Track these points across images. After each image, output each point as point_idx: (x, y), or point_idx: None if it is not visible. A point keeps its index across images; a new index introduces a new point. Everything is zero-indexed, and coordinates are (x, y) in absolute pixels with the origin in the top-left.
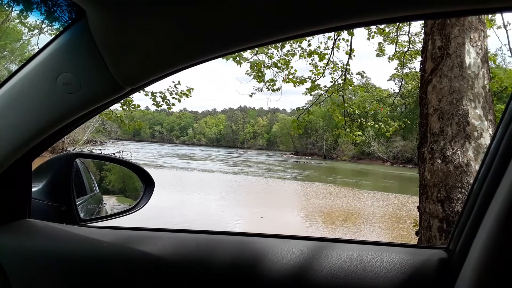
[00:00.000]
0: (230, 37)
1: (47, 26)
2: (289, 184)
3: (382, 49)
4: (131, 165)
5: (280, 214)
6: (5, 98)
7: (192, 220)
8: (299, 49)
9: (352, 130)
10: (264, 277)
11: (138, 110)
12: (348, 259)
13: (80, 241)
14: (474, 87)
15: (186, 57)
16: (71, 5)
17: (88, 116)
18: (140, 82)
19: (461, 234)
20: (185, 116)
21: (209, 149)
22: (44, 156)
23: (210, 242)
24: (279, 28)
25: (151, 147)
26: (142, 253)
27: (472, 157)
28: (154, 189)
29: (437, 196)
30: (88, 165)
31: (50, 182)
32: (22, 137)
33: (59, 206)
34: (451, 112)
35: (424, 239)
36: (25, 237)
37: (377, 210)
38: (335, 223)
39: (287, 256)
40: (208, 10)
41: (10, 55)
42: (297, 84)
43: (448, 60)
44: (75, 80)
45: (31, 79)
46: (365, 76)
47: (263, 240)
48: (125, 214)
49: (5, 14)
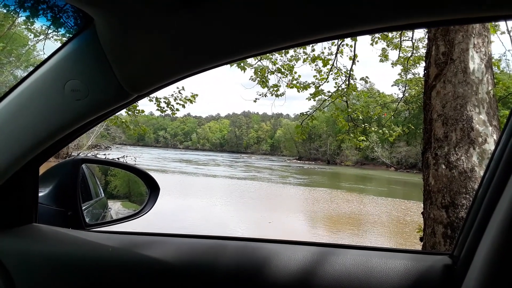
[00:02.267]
0: (235, 45)
1: (53, 32)
2: (303, 190)
3: (385, 54)
4: (136, 170)
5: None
6: (14, 104)
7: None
8: (303, 54)
9: (356, 135)
10: (268, 283)
11: (142, 115)
12: (352, 265)
13: (86, 246)
14: (478, 92)
15: (192, 65)
16: (78, 12)
17: (95, 122)
18: (147, 89)
19: (466, 240)
20: (189, 121)
21: (212, 154)
22: (50, 161)
23: (215, 248)
24: (284, 36)
25: (155, 152)
26: (148, 258)
27: (476, 163)
28: (159, 194)
29: (442, 202)
30: (93, 170)
31: (57, 187)
32: (30, 142)
33: (65, 211)
34: (455, 117)
35: (428, 245)
36: (31, 242)
37: (384, 215)
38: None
39: (292, 262)
40: (214, 18)
41: (16, 61)
42: (301, 90)
43: (452, 66)
44: (83, 87)
45: (39, 85)
46: (369, 81)
47: (268, 246)
48: (130, 219)
49: (11, 20)
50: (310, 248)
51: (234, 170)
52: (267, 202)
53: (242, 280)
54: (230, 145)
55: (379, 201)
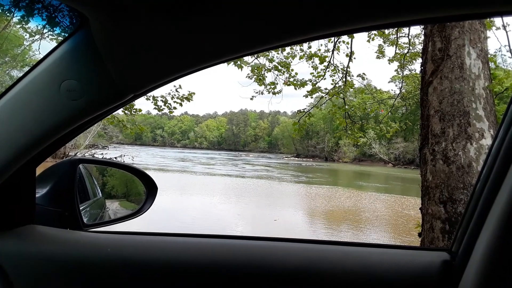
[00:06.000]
0: (231, 44)
1: (48, 31)
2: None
3: (382, 51)
4: (134, 170)
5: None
6: (9, 104)
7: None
8: (300, 51)
9: (353, 132)
10: (269, 280)
11: (139, 114)
12: (351, 261)
13: (84, 246)
14: (475, 88)
15: (188, 64)
16: (73, 11)
17: (92, 122)
18: (143, 89)
19: (464, 235)
20: (186, 119)
21: (210, 152)
22: (47, 162)
23: (215, 247)
24: (281, 33)
25: (152, 151)
26: (147, 257)
27: (473, 158)
28: (157, 193)
29: (439, 197)
30: (91, 170)
31: (54, 187)
32: (27, 143)
33: (63, 211)
34: (452, 113)
35: (427, 241)
36: (29, 243)
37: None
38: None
39: (292, 259)
40: (209, 17)
41: (11, 61)
42: (298, 87)
43: (448, 62)
44: (78, 87)
45: (35, 86)
46: (365, 78)
47: (268, 244)
48: (129, 219)
49: (6, 20)
50: (311, 245)
51: (243, 169)
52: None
53: (243, 278)
54: (227, 143)
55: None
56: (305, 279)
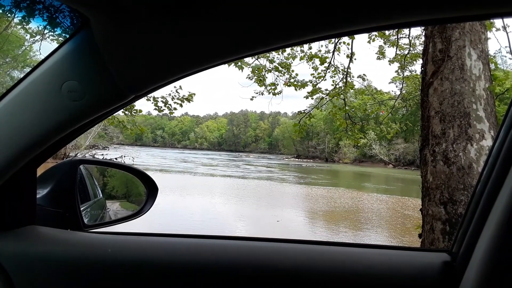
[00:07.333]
0: (232, 45)
1: (49, 32)
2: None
3: (382, 52)
4: (134, 171)
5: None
6: (11, 104)
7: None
8: (300, 52)
9: (353, 133)
10: (268, 281)
11: (140, 115)
12: (352, 262)
13: (85, 247)
14: (475, 89)
15: (189, 65)
16: (74, 12)
17: (93, 123)
18: (144, 89)
19: (464, 236)
20: (186, 120)
21: (211, 153)
22: (48, 162)
23: (215, 247)
24: (280, 35)
25: (153, 152)
26: (147, 258)
27: (474, 159)
28: (157, 194)
29: (440, 198)
30: (91, 171)
31: (55, 188)
32: (28, 144)
33: (64, 212)
34: (452, 114)
35: (427, 242)
36: (30, 243)
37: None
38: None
39: (292, 260)
40: (210, 19)
41: (12, 61)
42: (298, 88)
43: (449, 63)
44: (79, 88)
45: (36, 86)
46: (366, 79)
47: (267, 245)
48: (129, 219)
49: (7, 20)
50: (311, 246)
51: (246, 171)
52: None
53: (242, 279)
54: (228, 144)
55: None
56: (305, 280)
